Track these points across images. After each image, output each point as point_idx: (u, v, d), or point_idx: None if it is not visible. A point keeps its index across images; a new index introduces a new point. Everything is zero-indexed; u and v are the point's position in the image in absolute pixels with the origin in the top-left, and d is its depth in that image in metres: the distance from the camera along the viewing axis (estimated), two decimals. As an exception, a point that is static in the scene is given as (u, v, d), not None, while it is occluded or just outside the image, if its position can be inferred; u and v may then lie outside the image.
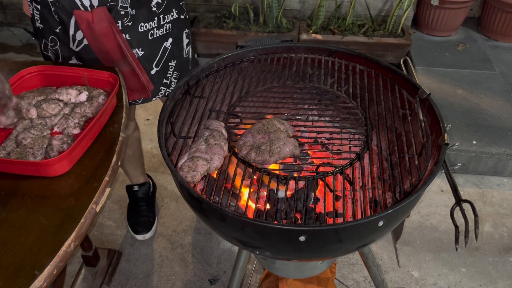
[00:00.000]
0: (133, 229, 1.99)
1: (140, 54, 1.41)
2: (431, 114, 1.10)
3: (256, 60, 1.34)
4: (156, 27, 1.40)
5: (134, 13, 1.33)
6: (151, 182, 2.12)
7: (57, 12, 1.31)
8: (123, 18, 1.33)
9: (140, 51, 1.41)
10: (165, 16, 1.41)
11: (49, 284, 0.79)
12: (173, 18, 1.44)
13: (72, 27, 1.33)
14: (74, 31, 1.34)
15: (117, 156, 1.03)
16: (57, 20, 1.33)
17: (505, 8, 3.03)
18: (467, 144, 2.27)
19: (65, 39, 1.36)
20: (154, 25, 1.40)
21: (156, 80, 1.49)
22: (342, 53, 1.33)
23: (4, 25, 3.69)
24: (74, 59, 1.41)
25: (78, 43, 1.37)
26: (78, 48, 1.38)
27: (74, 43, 1.37)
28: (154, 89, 1.50)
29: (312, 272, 1.33)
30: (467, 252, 1.94)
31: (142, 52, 1.41)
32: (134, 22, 1.35)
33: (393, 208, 0.87)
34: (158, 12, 1.38)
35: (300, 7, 3.22)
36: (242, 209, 1.07)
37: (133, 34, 1.37)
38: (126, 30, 1.35)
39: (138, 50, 1.40)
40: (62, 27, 1.34)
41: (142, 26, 1.37)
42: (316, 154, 1.21)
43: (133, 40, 1.37)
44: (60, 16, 1.32)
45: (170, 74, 1.53)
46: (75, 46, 1.37)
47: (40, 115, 1.12)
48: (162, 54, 1.46)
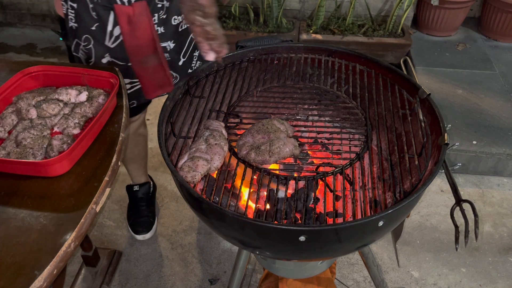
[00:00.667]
0: (133, 229, 1.99)
1: (171, 47, 1.42)
2: (431, 114, 1.10)
3: (256, 60, 1.34)
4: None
5: (168, 6, 1.34)
6: (151, 182, 2.12)
7: (95, 9, 1.31)
8: (159, 11, 1.34)
9: (172, 43, 1.42)
10: None
11: (49, 284, 0.79)
12: None
13: (111, 23, 1.33)
14: (113, 27, 1.34)
15: (117, 156, 1.03)
16: (95, 18, 1.32)
17: (505, 8, 3.03)
18: (467, 144, 2.27)
19: (101, 36, 1.36)
20: (182, 18, 1.41)
21: (182, 70, 1.51)
22: (342, 53, 1.33)
23: (4, 25, 3.69)
24: (108, 56, 1.41)
25: (114, 39, 1.37)
26: (114, 45, 1.37)
27: (110, 39, 1.37)
28: (180, 79, 1.52)
29: (312, 272, 1.33)
30: (467, 252, 1.94)
31: (173, 44, 1.42)
32: (168, 15, 1.36)
33: (393, 208, 0.87)
34: None
35: (300, 7, 3.22)
36: (242, 209, 1.07)
37: (167, 27, 1.38)
38: (161, 24, 1.36)
39: (170, 42, 1.41)
40: (99, 24, 1.34)
41: (176, 19, 1.38)
42: (316, 154, 1.21)
43: (167, 33, 1.39)
44: (98, 13, 1.31)
45: (194, 64, 1.54)
46: (111, 42, 1.37)
47: (40, 115, 1.12)
48: (189, 45, 1.48)
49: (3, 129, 1.08)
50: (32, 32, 3.66)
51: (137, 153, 1.90)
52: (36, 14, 3.63)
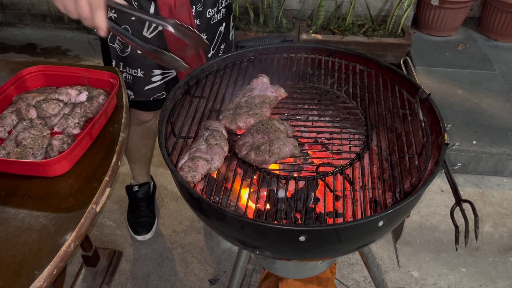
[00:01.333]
0: (133, 230, 1.99)
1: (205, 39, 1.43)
2: (431, 114, 1.10)
3: (256, 60, 1.34)
4: (216, 12, 1.43)
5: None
6: (152, 182, 2.13)
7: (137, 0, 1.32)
8: (197, 4, 1.36)
9: (205, 35, 1.43)
10: (222, 1, 1.45)
11: (49, 284, 0.79)
12: (227, 3, 1.48)
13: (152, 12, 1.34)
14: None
15: (117, 156, 1.03)
16: (136, 7, 1.33)
17: (505, 8, 3.03)
18: (467, 144, 2.27)
19: (139, 26, 1.37)
20: (215, 11, 1.43)
21: None
22: (342, 53, 1.33)
23: (4, 25, 3.69)
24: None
25: (153, 29, 1.38)
26: (152, 35, 1.39)
27: (149, 29, 1.38)
28: None
29: (312, 272, 1.33)
30: (467, 252, 1.94)
31: (205, 36, 1.43)
32: (204, 7, 1.38)
33: (393, 208, 0.86)
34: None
35: (300, 7, 3.22)
36: (242, 209, 1.07)
37: (202, 20, 1.40)
38: (198, 16, 1.38)
39: (203, 34, 1.42)
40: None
41: (210, 11, 1.40)
42: (316, 154, 1.21)
43: (202, 25, 1.40)
44: (139, 3, 1.33)
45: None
46: (149, 32, 1.39)
47: (40, 115, 1.12)
48: (217, 38, 1.50)
49: (3, 129, 1.08)
50: (32, 32, 3.66)
51: (144, 153, 1.91)
52: (36, 14, 3.63)
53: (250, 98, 1.17)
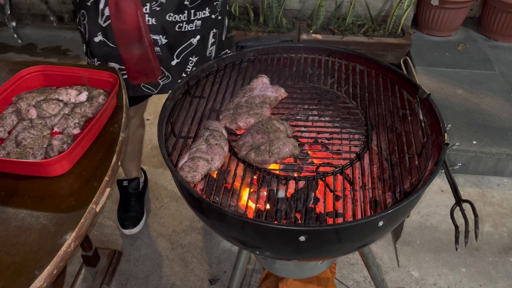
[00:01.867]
0: (121, 224, 2.01)
1: (163, 42, 1.42)
2: (431, 114, 1.10)
3: (256, 60, 1.34)
4: (185, 21, 1.42)
5: (164, 1, 1.35)
6: (143, 177, 2.14)
7: None
8: (152, 2, 1.35)
9: (164, 39, 1.42)
10: (197, 13, 1.43)
11: (49, 284, 0.79)
12: (205, 16, 1.46)
13: (103, 1, 1.35)
14: (104, 6, 1.36)
15: (117, 156, 1.03)
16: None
17: (505, 8, 3.03)
18: (467, 144, 2.27)
19: (94, 13, 1.38)
20: (184, 19, 1.41)
21: (176, 71, 1.51)
22: (342, 53, 1.33)
23: (4, 25, 3.69)
24: (100, 35, 1.42)
25: (106, 18, 1.38)
26: (105, 24, 1.39)
27: (102, 17, 1.38)
28: (172, 81, 1.52)
29: (312, 272, 1.33)
30: (467, 252, 1.94)
31: (165, 40, 1.42)
32: (163, 9, 1.37)
33: (393, 208, 0.87)
34: (190, 6, 1.40)
35: (300, 7, 3.22)
36: (242, 209, 1.07)
37: (159, 20, 1.38)
38: (153, 15, 1.37)
39: (162, 37, 1.41)
40: (94, 0, 1.36)
41: (171, 16, 1.39)
42: (316, 154, 1.21)
43: (159, 26, 1.39)
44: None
45: (190, 69, 1.54)
46: (103, 21, 1.39)
47: (40, 115, 1.12)
48: (186, 48, 1.48)
49: (3, 129, 1.08)
50: (32, 32, 3.66)
51: (130, 150, 1.92)
52: (36, 14, 3.63)
53: (250, 98, 1.17)
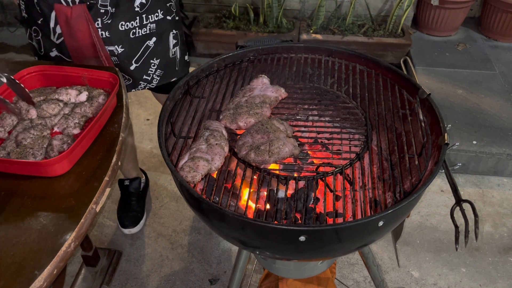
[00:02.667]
0: (121, 223, 2.01)
1: (119, 51, 1.43)
2: (431, 114, 1.10)
3: (256, 60, 1.34)
4: (138, 26, 1.42)
5: (114, 11, 1.35)
6: (144, 177, 2.14)
7: (39, 4, 1.34)
8: (103, 16, 1.35)
9: (120, 48, 1.42)
10: (149, 16, 1.43)
11: (49, 284, 0.79)
12: (158, 18, 1.46)
13: (53, 20, 1.36)
14: (54, 24, 1.37)
15: (117, 156, 1.03)
16: (39, 12, 1.35)
17: (505, 8, 3.03)
18: (467, 144, 2.27)
19: (46, 30, 1.39)
20: (136, 25, 1.41)
21: (136, 75, 1.52)
22: (342, 53, 1.33)
23: (4, 25, 3.69)
24: (55, 51, 1.43)
25: (58, 36, 1.39)
26: (59, 41, 1.40)
27: (54, 35, 1.39)
28: (133, 82, 1.54)
29: (312, 272, 1.33)
30: (467, 252, 1.94)
31: (122, 49, 1.43)
32: (114, 20, 1.37)
33: (393, 208, 0.87)
34: (141, 12, 1.40)
35: (300, 7, 3.22)
36: (242, 209, 1.07)
37: (113, 32, 1.38)
38: (106, 28, 1.37)
39: (117, 47, 1.42)
40: (43, 19, 1.37)
41: (123, 25, 1.39)
42: (316, 154, 1.21)
43: (113, 37, 1.39)
44: (41, 8, 1.34)
45: (153, 72, 1.55)
46: (55, 38, 1.40)
47: (40, 115, 1.12)
48: (143, 52, 1.48)
49: (3, 129, 1.08)
50: (32, 32, 3.66)
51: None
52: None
53: (250, 98, 1.17)
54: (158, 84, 1.59)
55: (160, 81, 1.59)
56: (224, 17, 3.18)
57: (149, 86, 1.58)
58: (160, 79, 1.58)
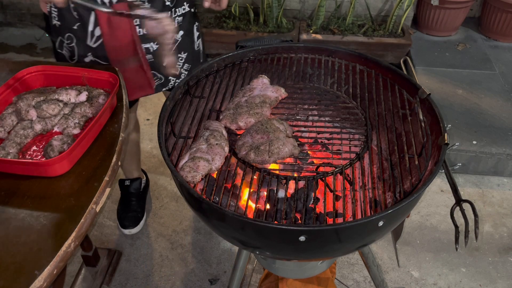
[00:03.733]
0: (121, 223, 2.01)
1: (155, 48, 1.42)
2: (431, 114, 1.10)
3: (256, 60, 1.34)
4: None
5: (149, 7, 1.35)
6: (144, 177, 2.14)
7: (76, 9, 1.32)
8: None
9: (155, 45, 1.42)
10: (177, 10, 1.43)
11: (49, 284, 0.79)
12: (185, 11, 1.46)
13: (92, 23, 1.35)
14: (93, 27, 1.36)
15: (117, 156, 1.03)
16: (76, 17, 1.34)
17: (505, 8, 3.03)
18: (467, 144, 2.27)
19: (83, 35, 1.38)
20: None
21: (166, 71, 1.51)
22: (342, 53, 1.33)
23: (4, 25, 3.69)
24: (90, 55, 1.42)
25: (96, 39, 1.38)
26: (96, 44, 1.39)
27: (92, 39, 1.38)
28: (165, 80, 1.53)
29: (312, 272, 1.33)
30: (467, 252, 1.94)
31: (157, 46, 1.42)
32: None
33: (393, 208, 0.87)
34: (171, 6, 1.41)
35: (300, 7, 3.22)
36: (242, 209, 1.07)
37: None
38: (143, 25, 1.37)
39: (153, 44, 1.42)
40: (80, 23, 1.35)
41: None
42: (316, 154, 1.21)
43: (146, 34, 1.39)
44: (79, 13, 1.33)
45: (180, 66, 1.55)
46: (93, 42, 1.39)
47: (40, 115, 1.12)
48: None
49: (3, 129, 1.08)
50: (32, 32, 3.66)
51: (128, 149, 1.92)
52: (36, 14, 3.63)
53: (250, 98, 1.17)
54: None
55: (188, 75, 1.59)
56: (224, 17, 3.18)
57: (178, 82, 1.58)
58: (188, 73, 1.58)
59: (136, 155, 2.01)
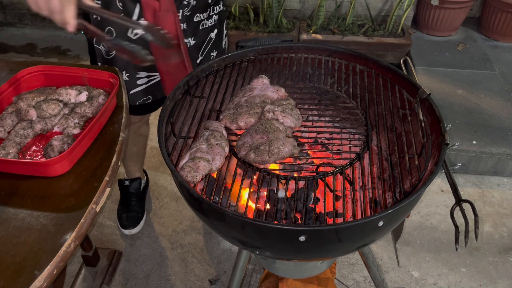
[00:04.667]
0: (121, 224, 2.01)
1: (192, 43, 1.43)
2: (431, 114, 1.10)
3: (256, 60, 1.34)
4: (206, 18, 1.43)
5: (194, 3, 1.36)
6: (145, 177, 2.14)
7: (122, 0, 1.32)
8: (184, 8, 1.35)
9: (192, 40, 1.43)
10: (215, 8, 1.45)
11: (49, 284, 0.79)
12: (220, 9, 1.48)
13: (136, 15, 1.34)
14: (137, 19, 1.35)
15: (117, 156, 1.03)
16: (120, 8, 1.33)
17: (505, 8, 3.03)
18: (467, 144, 2.27)
19: (123, 28, 1.37)
20: (205, 16, 1.43)
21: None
22: (342, 53, 1.33)
23: (4, 25, 3.69)
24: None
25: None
26: (136, 37, 1.38)
27: (132, 31, 1.38)
28: None
29: (312, 272, 1.33)
30: (467, 252, 1.94)
31: (194, 41, 1.43)
32: (192, 12, 1.38)
33: (393, 208, 0.87)
34: (211, 3, 1.42)
35: (300, 7, 3.22)
36: (242, 209, 1.07)
37: (189, 24, 1.39)
38: (184, 20, 1.38)
39: (191, 39, 1.42)
40: (124, 15, 1.34)
41: (198, 16, 1.40)
42: (316, 154, 1.21)
43: (189, 29, 1.40)
44: (124, 4, 1.32)
45: None
46: (133, 34, 1.38)
47: (40, 115, 1.12)
48: (207, 44, 1.49)
49: (3, 129, 1.08)
50: (32, 32, 3.66)
51: (135, 151, 1.91)
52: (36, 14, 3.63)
53: (250, 98, 1.17)
54: None
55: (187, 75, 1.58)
56: (224, 17, 3.18)
57: None
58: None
59: (142, 157, 2.01)
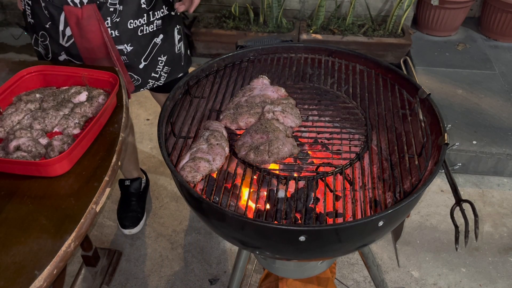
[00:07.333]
0: (121, 223, 2.01)
1: (129, 50, 1.43)
2: (431, 114, 1.10)
3: (256, 60, 1.34)
4: (145, 23, 1.42)
5: (121, 9, 1.35)
6: (144, 177, 2.14)
7: (47, 8, 1.33)
8: (112, 15, 1.35)
9: (129, 46, 1.42)
10: (155, 13, 1.43)
11: (49, 284, 0.79)
12: (164, 14, 1.46)
13: (62, 22, 1.34)
14: (64, 27, 1.36)
15: (117, 156, 1.03)
16: (47, 16, 1.35)
17: (505, 8, 3.03)
18: (467, 144, 2.27)
19: (55, 34, 1.38)
20: (144, 22, 1.41)
21: (144, 74, 1.52)
22: (342, 53, 1.33)
23: (4, 25, 3.69)
24: (64, 54, 1.42)
25: (67, 38, 1.38)
26: (68, 44, 1.39)
27: (63, 38, 1.38)
28: (142, 82, 1.54)
29: (312, 272, 1.33)
30: (467, 252, 1.94)
31: (131, 47, 1.43)
32: (123, 18, 1.37)
33: (393, 208, 0.87)
34: (147, 9, 1.41)
35: (300, 7, 3.22)
36: (242, 209, 1.07)
37: (122, 30, 1.38)
38: (115, 27, 1.37)
39: (127, 45, 1.42)
40: (52, 22, 1.36)
41: (132, 22, 1.39)
42: (316, 154, 1.21)
43: (123, 36, 1.39)
44: (50, 12, 1.33)
45: (160, 69, 1.55)
46: (65, 41, 1.39)
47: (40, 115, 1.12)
48: (151, 50, 1.48)
49: (3, 129, 1.08)
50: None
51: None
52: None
53: (250, 98, 1.17)
54: (165, 81, 1.59)
55: (168, 78, 1.59)
56: (224, 17, 3.18)
57: (157, 84, 1.58)
58: (168, 75, 1.58)
59: (133, 155, 2.01)
